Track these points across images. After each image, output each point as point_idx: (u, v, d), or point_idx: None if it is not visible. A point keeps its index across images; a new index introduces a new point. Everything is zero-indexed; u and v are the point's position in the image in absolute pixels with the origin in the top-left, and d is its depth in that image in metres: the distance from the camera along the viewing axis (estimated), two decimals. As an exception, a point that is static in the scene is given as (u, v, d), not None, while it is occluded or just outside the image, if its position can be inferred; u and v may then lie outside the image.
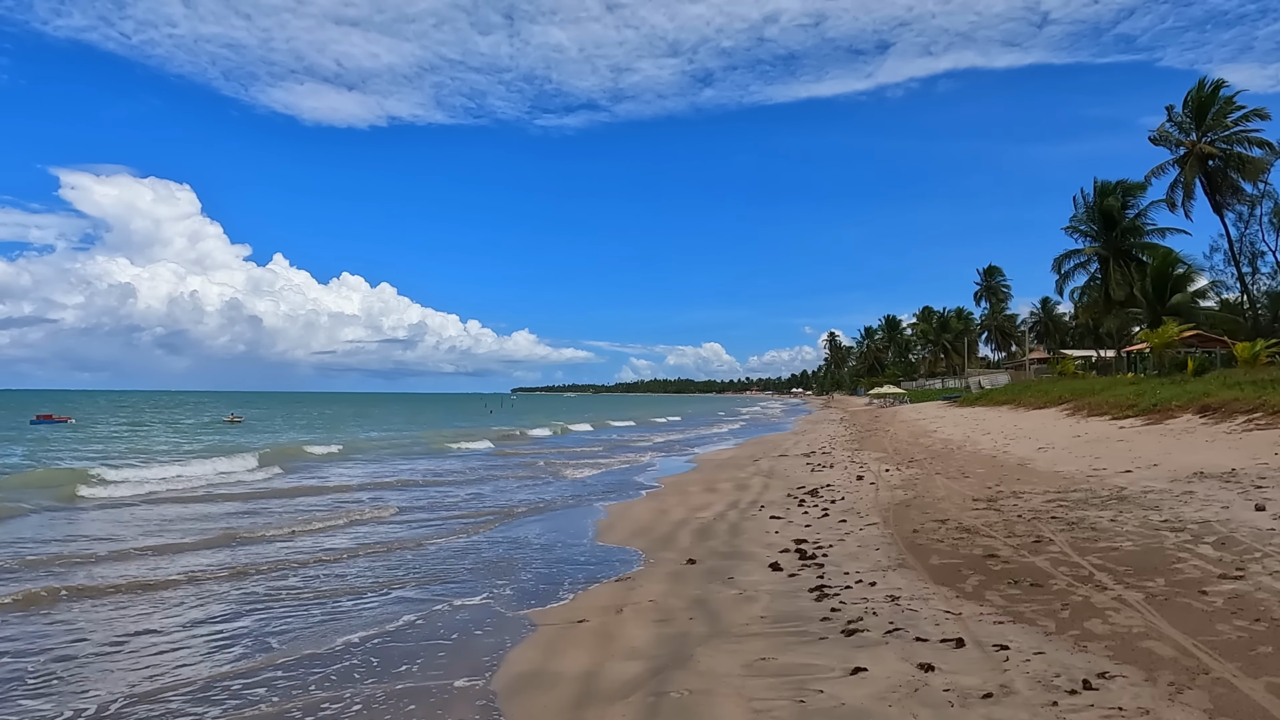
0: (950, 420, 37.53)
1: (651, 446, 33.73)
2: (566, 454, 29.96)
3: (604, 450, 32.30)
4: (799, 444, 31.60)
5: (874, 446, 27.18)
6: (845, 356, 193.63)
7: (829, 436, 35.35)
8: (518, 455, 29.34)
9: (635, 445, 35.14)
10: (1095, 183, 61.57)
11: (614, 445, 36.11)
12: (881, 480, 16.88)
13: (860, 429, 39.92)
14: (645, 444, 34.98)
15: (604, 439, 40.02)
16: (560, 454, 29.89)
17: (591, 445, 35.64)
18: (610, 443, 37.88)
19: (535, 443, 36.92)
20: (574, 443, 37.12)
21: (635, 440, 38.80)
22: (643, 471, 23.10)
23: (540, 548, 11.65)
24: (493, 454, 30.24)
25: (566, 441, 36.87)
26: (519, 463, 25.93)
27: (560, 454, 29.89)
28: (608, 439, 40.19)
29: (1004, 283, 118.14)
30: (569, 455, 29.27)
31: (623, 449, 32.95)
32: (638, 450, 31.86)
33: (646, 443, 36.32)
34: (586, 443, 37.56)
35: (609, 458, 28.23)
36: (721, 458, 27.16)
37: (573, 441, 37.33)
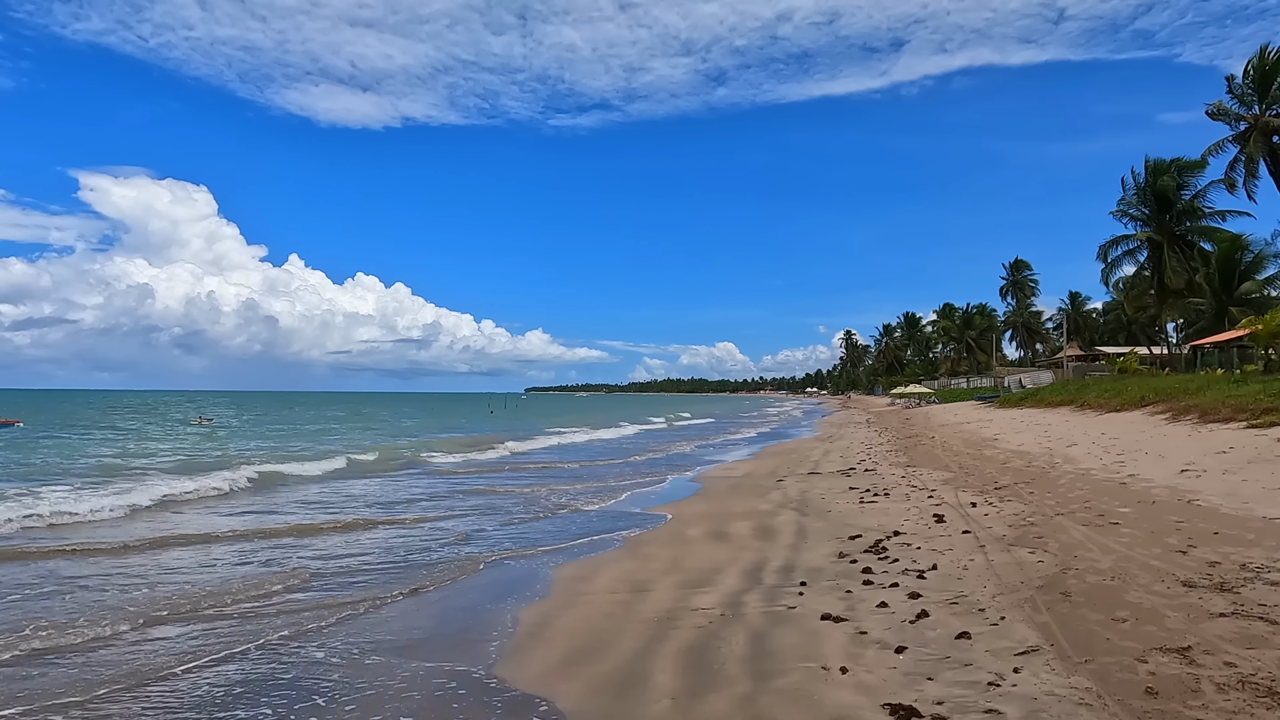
0: (1005, 424, 31.58)
1: (647, 463, 26.47)
2: (535, 472, 23.29)
3: (586, 465, 25.98)
4: (829, 454, 25.80)
5: (927, 459, 21.34)
6: (862, 355, 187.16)
7: (863, 444, 29.53)
8: (481, 474, 23.63)
9: (630, 457, 29.23)
10: (1147, 162, 55.28)
11: (604, 455, 30.45)
12: (976, 524, 11.11)
13: (897, 434, 34.07)
14: (642, 458, 28.84)
15: (595, 448, 34.02)
16: (528, 472, 23.30)
17: (574, 459, 29.18)
18: (601, 452, 32.21)
19: (512, 456, 29.53)
20: (556, 456, 29.89)
21: (632, 449, 33.06)
22: (628, 495, 17.45)
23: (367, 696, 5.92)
24: (456, 471, 24.66)
25: (545, 455, 29.54)
26: (472, 487, 20.09)
27: (528, 472, 23.30)
28: (600, 447, 34.44)
29: (1031, 277, 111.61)
30: (537, 475, 22.06)
31: (612, 464, 26.60)
32: (630, 467, 25.49)
33: (643, 457, 28.99)
34: (572, 454, 30.77)
35: (591, 477, 22.00)
36: (735, 474, 21.42)
37: (555, 455, 30.31)
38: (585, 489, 18.41)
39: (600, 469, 23.80)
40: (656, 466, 24.53)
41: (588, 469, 24.09)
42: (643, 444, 35.83)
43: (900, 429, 38.44)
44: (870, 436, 34.51)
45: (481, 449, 30.67)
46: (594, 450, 31.83)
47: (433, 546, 11.74)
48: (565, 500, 16.73)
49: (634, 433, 44.89)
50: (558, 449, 32.27)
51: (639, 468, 24.19)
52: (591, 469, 23.99)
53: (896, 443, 29.09)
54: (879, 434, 35.96)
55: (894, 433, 35.91)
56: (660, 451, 30.73)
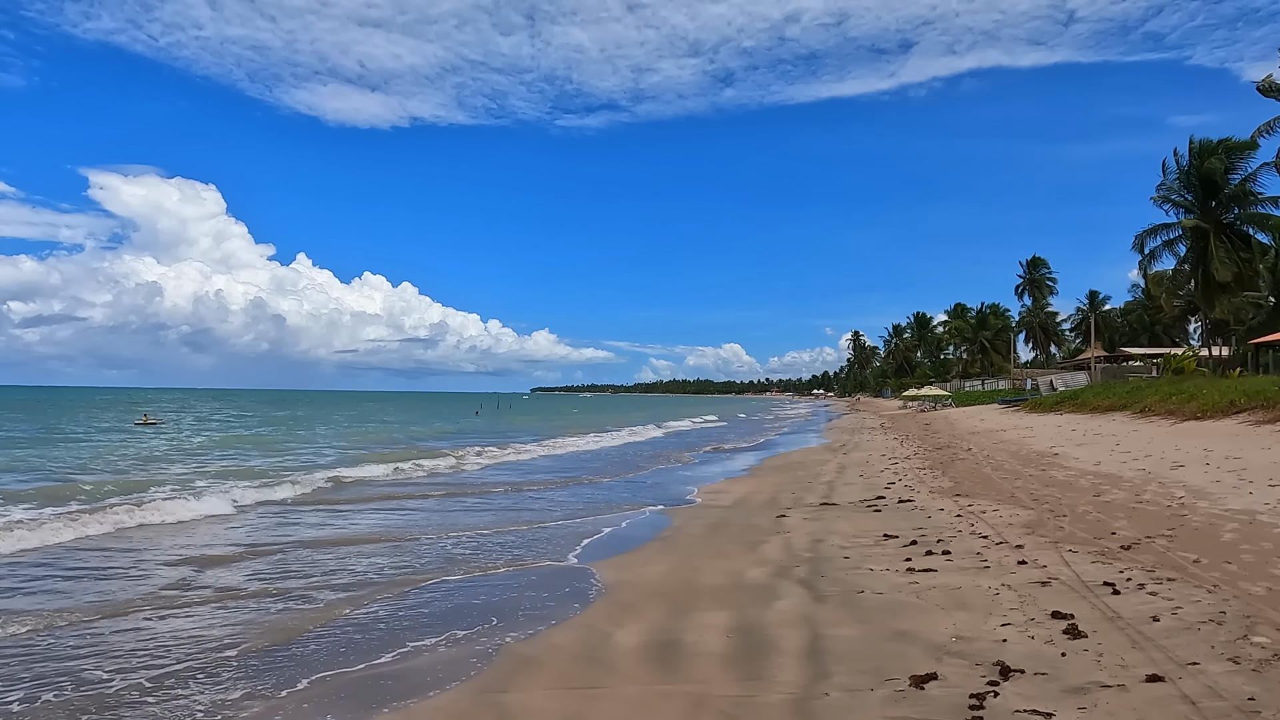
0: (1051, 433, 26.08)
1: (617, 487, 19.43)
2: (442, 503, 16.89)
3: (535, 488, 19.21)
4: (846, 472, 20.35)
5: (979, 483, 15.83)
6: (870, 357, 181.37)
7: (885, 457, 24.07)
8: (364, 507, 18.21)
9: (601, 476, 23.14)
10: (1192, 142, 49.58)
11: (572, 470, 25.05)
12: (1157, 647, 5.73)
13: (922, 443, 28.59)
14: (614, 477, 22.91)
15: (568, 461, 27.48)
16: (431, 504, 16.61)
17: (528, 477, 21.85)
18: (571, 466, 26.79)
19: (452, 474, 22.35)
20: (508, 474, 22.58)
21: (609, 463, 27.51)
22: (554, 542, 12.02)
23: None
24: (337, 503, 19.28)
25: (494, 475, 22.05)
26: (299, 538, 14.57)
27: (431, 504, 16.61)
28: (573, 460, 28.46)
29: (1049, 275, 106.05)
30: (438, 511, 15.21)
31: (572, 487, 19.64)
32: (593, 493, 18.37)
33: (616, 476, 21.96)
34: (531, 471, 23.99)
35: (525, 508, 15.75)
36: (722, 501, 15.97)
37: (508, 472, 22.78)
38: (494, 536, 12.57)
39: (549, 496, 17.63)
40: (625, 491, 18.62)
41: (530, 496, 17.81)
42: (626, 455, 30.27)
43: (924, 437, 32.94)
44: (890, 446, 29.04)
45: (426, 460, 25.12)
46: (564, 464, 25.95)
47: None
48: (484, 554, 11.33)
49: (620, 441, 39.39)
50: (517, 465, 26.05)
51: (603, 493, 18.20)
52: (535, 497, 17.61)
53: (926, 455, 23.61)
54: (900, 442, 30.47)
55: (918, 441, 30.42)
56: (643, 467, 25.06)
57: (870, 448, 28.78)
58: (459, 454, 27.20)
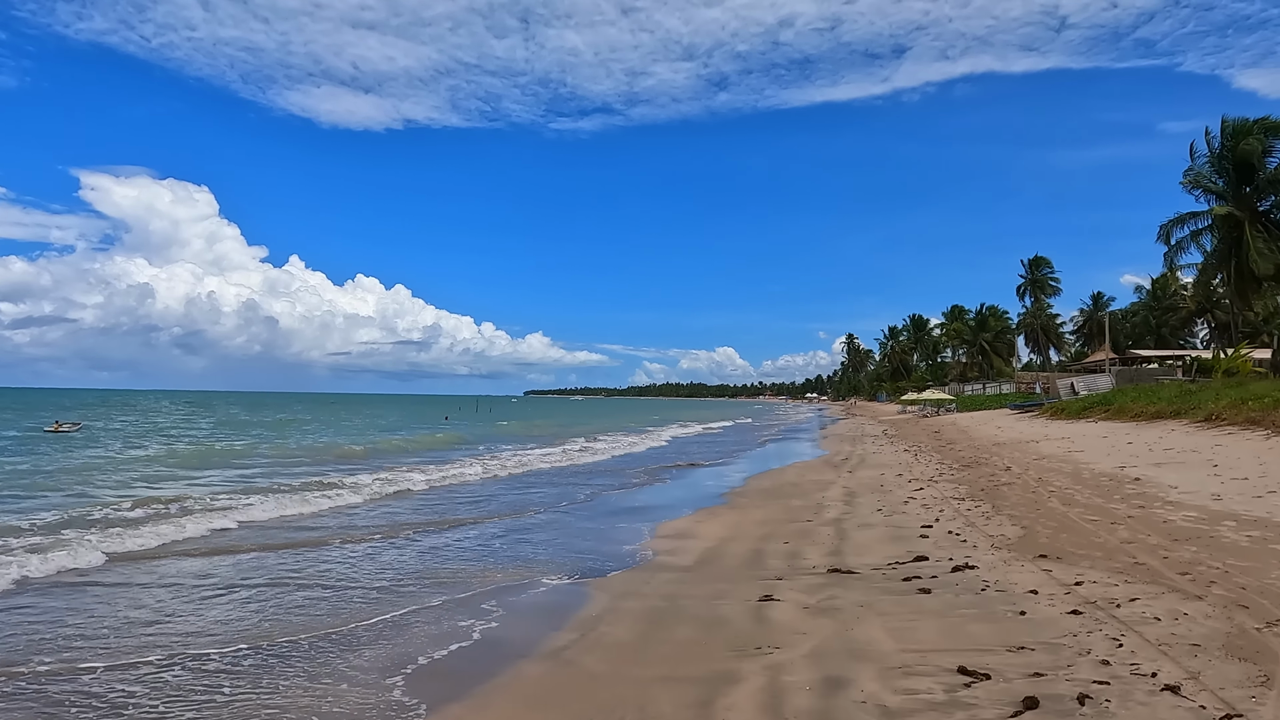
0: (1102, 446, 20.87)
1: (551, 522, 14.16)
2: (239, 566, 12.52)
3: (407, 533, 14.28)
4: (855, 501, 15.09)
5: (1062, 534, 10.43)
6: (864, 360, 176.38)
7: (900, 476, 18.80)
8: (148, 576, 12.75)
9: (526, 511, 17.19)
10: (1225, 122, 44.42)
11: (491, 505, 19.60)
12: None
13: (940, 455, 23.33)
14: (540, 514, 17.43)
15: (502, 489, 19.99)
16: (260, 578, 12.17)
17: (423, 516, 17.72)
18: (497, 499, 21.28)
19: (331, 514, 15.88)
20: (406, 509, 17.25)
21: (552, 489, 21.76)
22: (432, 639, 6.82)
23: None
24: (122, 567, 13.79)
25: (383, 514, 15.81)
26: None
27: (260, 578, 12.17)
28: (507, 488, 20.45)
29: (1052, 276, 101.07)
30: (211, 584, 11.60)
31: (462, 543, 14.51)
32: (483, 559, 13.40)
33: (543, 514, 16.79)
34: (437, 506, 18.17)
35: (354, 584, 11.27)
36: (678, 564, 10.48)
37: (407, 508, 16.68)
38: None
39: (408, 552, 11.95)
40: (547, 538, 12.79)
41: (373, 553, 12.18)
42: (580, 474, 24.76)
43: (941, 448, 27.70)
44: (903, 460, 23.77)
45: (314, 495, 19.10)
46: (496, 491, 18.98)
47: None
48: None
49: (588, 452, 33.98)
50: (432, 495, 20.12)
51: (509, 546, 12.35)
52: (397, 564, 11.60)
53: (955, 475, 18.33)
54: (915, 456, 25.21)
55: (935, 454, 25.17)
56: (592, 491, 19.68)
57: (879, 463, 23.51)
58: (376, 478, 21.59)
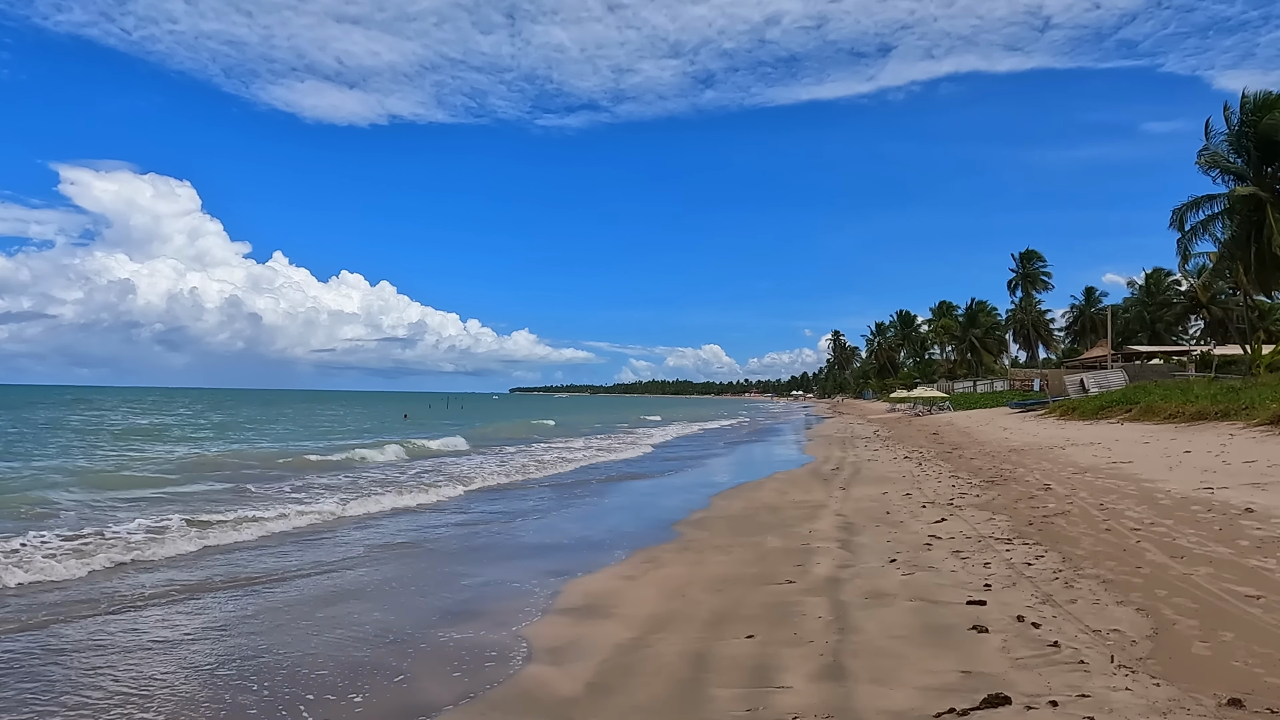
0: (1149, 454, 16.51)
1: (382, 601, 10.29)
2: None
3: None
4: (856, 543, 10.52)
5: (1230, 628, 5.96)
6: (850, 357, 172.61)
7: (908, 495, 14.31)
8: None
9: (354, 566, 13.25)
10: (1244, 97, 40.17)
11: (358, 551, 14.92)
12: None
13: (954, 468, 18.83)
14: (388, 586, 12.80)
15: (381, 533, 16.98)
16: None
17: (251, 569, 13.40)
18: (376, 538, 16.57)
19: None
20: (239, 561, 14.13)
21: (468, 514, 17.27)
22: None
23: None
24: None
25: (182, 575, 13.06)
26: None
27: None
28: (401, 528, 18.10)
29: (1044, 270, 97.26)
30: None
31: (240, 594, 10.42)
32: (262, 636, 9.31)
33: (411, 563, 12.16)
34: (284, 553, 14.85)
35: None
36: (557, 692, 6.34)
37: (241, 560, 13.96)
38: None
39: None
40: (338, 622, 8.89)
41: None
42: (493, 504, 20.29)
43: (944, 453, 23.29)
44: (907, 470, 19.33)
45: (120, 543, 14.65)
46: (352, 539, 14.41)
47: None
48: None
49: (535, 475, 29.37)
50: (287, 540, 16.22)
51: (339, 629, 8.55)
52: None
53: (978, 496, 13.86)
54: (917, 464, 20.78)
55: (942, 461, 20.74)
56: (511, 511, 15.27)
57: (878, 474, 19.05)
58: (250, 515, 16.98)
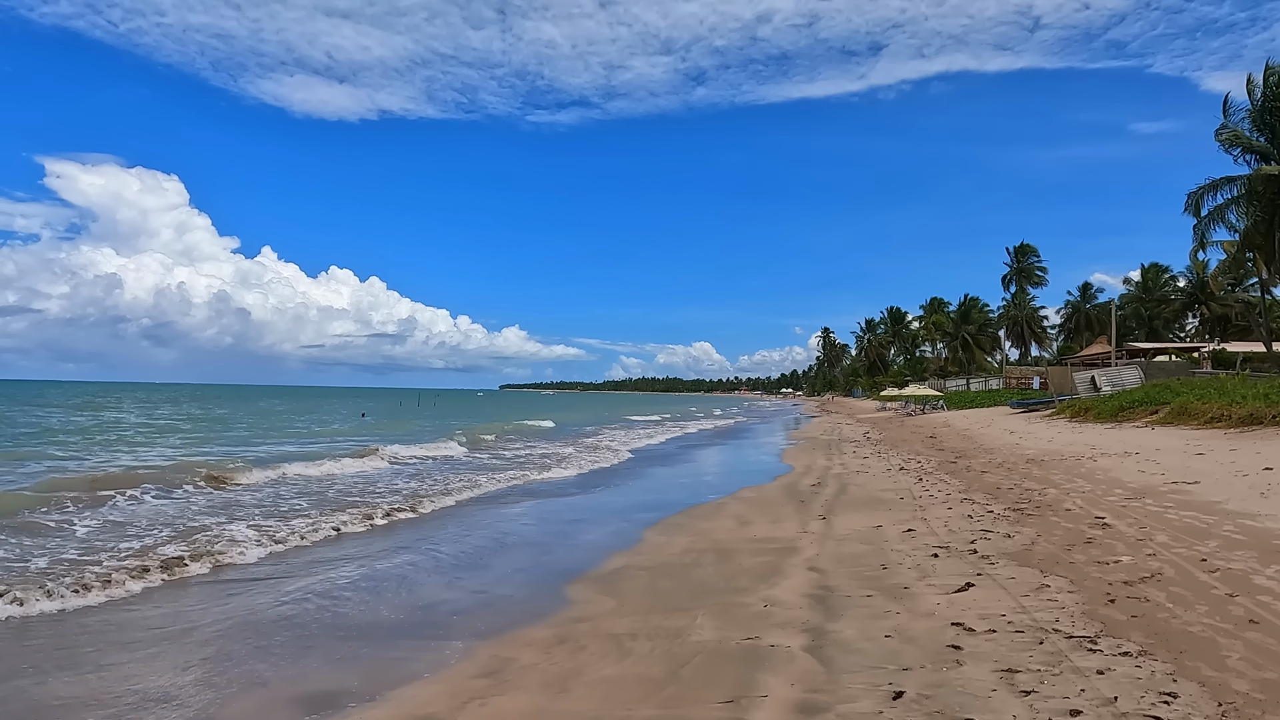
0: (1211, 467, 12.53)
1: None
2: None
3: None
4: (836, 637, 6.65)
5: None
6: (840, 355, 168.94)
7: (909, 530, 10.24)
8: None
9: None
10: (1269, 69, 36.37)
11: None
12: None
13: (964, 484, 14.72)
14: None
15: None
16: None
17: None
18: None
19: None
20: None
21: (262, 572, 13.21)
22: None
23: None
24: None
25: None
26: None
27: None
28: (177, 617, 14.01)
29: (1039, 265, 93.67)
30: None
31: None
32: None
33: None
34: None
35: None
36: None
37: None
38: None
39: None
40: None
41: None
42: (364, 544, 16.13)
43: (947, 463, 19.28)
44: (904, 486, 15.34)
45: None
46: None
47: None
48: None
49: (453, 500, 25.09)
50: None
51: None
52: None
53: (1009, 536, 9.85)
54: (918, 478, 16.75)
55: (948, 476, 16.71)
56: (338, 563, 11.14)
57: (869, 493, 15.02)
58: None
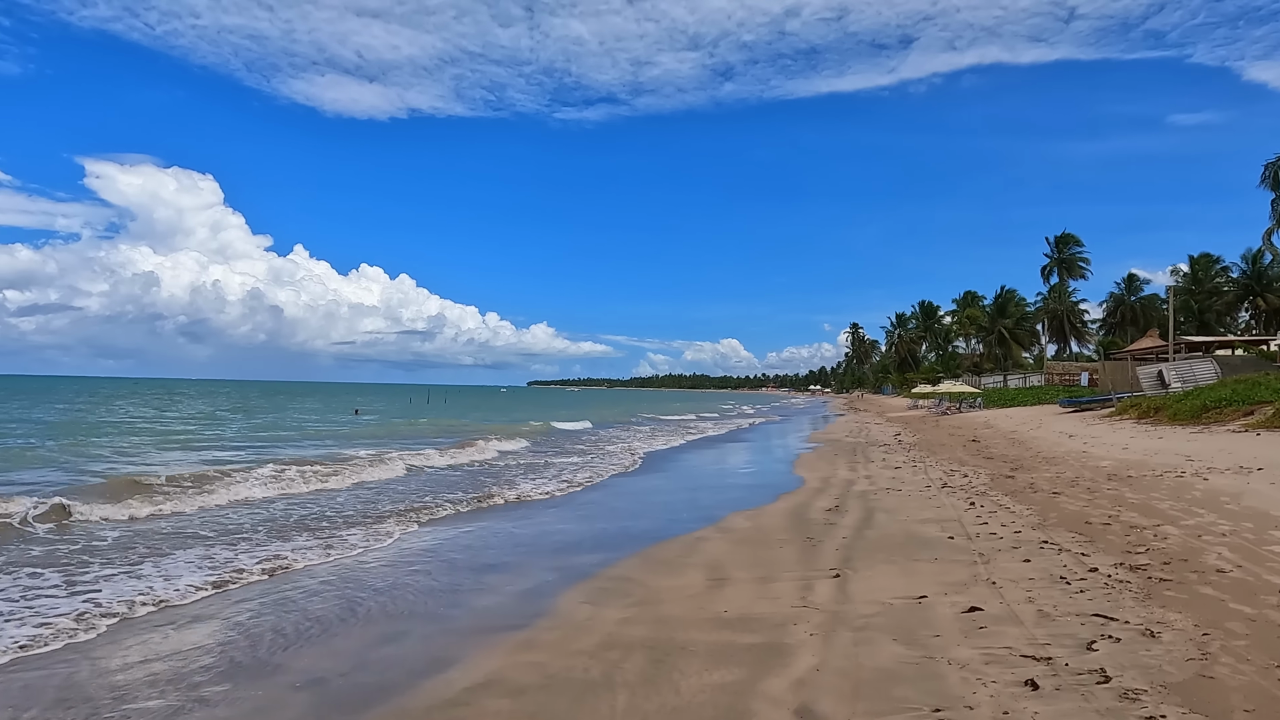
0: None
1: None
2: None
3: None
4: None
5: None
6: (869, 351, 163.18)
7: (971, 614, 6.33)
8: None
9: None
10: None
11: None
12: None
13: (1049, 515, 10.41)
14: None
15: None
16: None
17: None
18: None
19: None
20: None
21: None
22: None
23: None
24: None
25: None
26: None
27: None
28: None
29: (1081, 255, 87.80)
30: None
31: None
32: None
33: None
34: None
35: None
36: None
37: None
38: None
39: None
40: None
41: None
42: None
43: (1002, 478, 15.05)
44: (954, 511, 11.25)
45: None
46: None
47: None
48: None
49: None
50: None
51: None
52: None
53: (1140, 607, 5.80)
54: (966, 500, 12.59)
55: (1013, 499, 12.50)
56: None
57: (902, 524, 10.92)
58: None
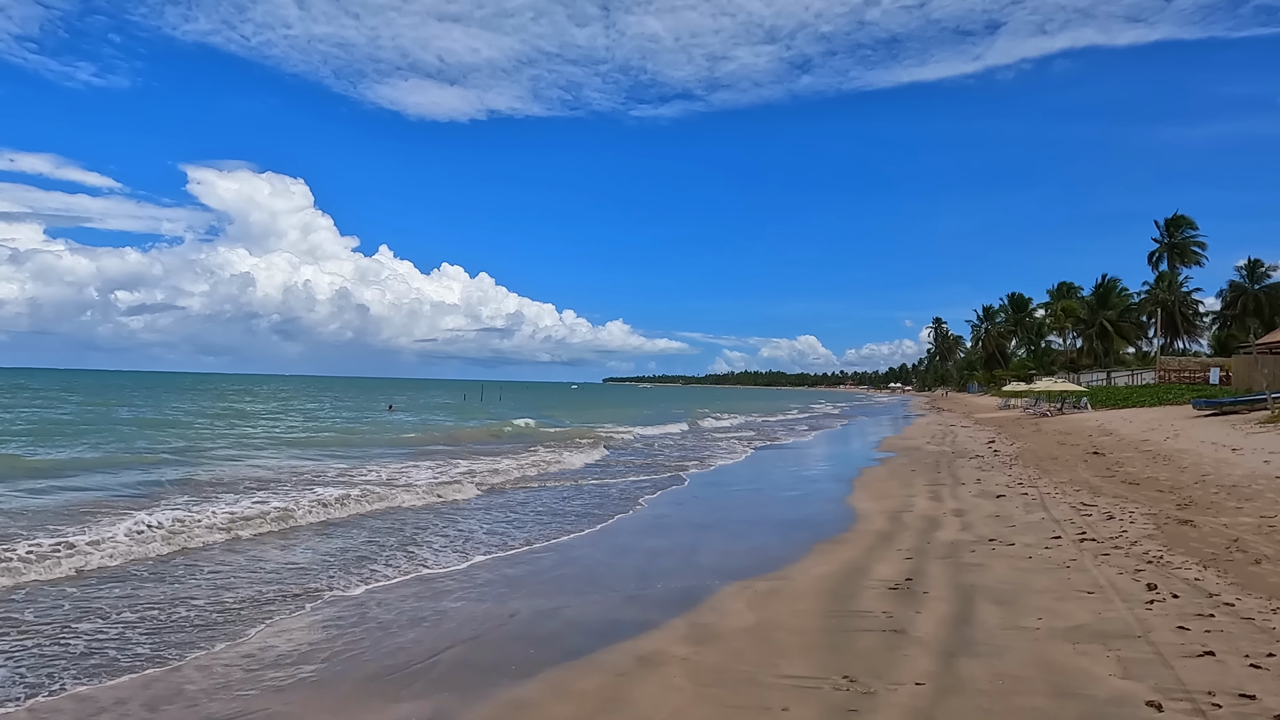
0: None
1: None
2: None
3: None
4: None
5: None
6: (954, 347, 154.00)
7: None
8: None
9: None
10: None
11: None
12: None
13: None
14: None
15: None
16: None
17: None
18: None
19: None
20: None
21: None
22: None
23: None
24: None
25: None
26: None
27: None
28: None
29: (1196, 240, 78.75)
30: None
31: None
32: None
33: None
34: None
35: None
36: None
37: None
38: None
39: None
40: None
41: None
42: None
43: (1174, 516, 10.88)
44: (1123, 587, 7.46)
45: None
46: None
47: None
48: None
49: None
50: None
51: None
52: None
53: None
54: (1133, 570, 8.71)
55: (1199, 557, 8.45)
56: None
57: (1031, 612, 7.17)
58: None
